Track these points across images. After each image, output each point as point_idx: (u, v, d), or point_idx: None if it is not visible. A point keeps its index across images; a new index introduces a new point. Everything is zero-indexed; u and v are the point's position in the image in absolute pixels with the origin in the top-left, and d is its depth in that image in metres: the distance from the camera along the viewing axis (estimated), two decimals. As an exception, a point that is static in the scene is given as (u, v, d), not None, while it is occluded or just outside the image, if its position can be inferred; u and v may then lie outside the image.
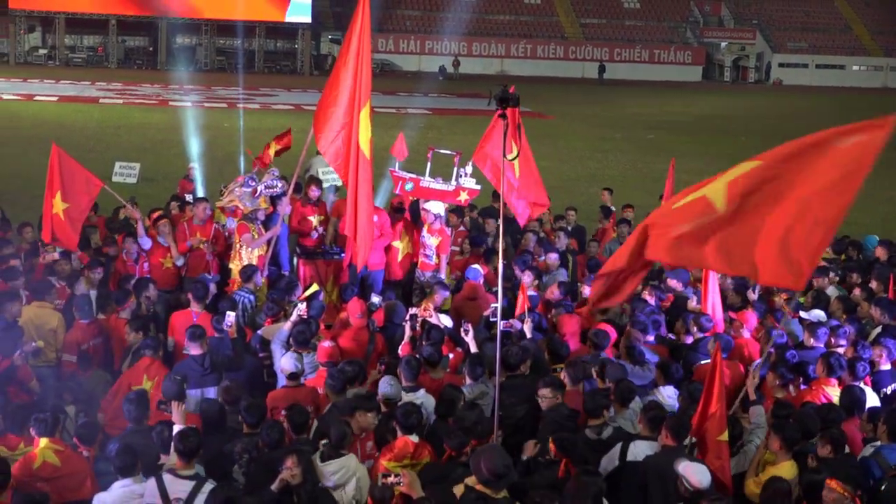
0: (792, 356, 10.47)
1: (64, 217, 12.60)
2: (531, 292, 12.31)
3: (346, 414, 8.54)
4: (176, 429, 8.14)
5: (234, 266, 13.34)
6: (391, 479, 7.35)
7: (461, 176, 13.79)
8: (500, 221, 9.57)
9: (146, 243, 13.55)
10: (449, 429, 8.33)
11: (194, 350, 10.07)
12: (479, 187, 14.09)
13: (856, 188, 6.29)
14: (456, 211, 15.43)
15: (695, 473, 7.41)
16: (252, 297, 12.20)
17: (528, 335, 10.82)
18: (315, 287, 12.16)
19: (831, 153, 6.39)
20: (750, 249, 6.66)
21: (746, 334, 11.51)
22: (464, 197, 13.83)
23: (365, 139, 11.93)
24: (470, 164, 13.93)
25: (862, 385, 9.84)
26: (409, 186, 13.64)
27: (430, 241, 13.86)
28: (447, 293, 12.42)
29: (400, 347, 10.77)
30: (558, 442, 7.99)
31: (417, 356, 9.94)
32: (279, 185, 13.65)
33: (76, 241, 12.84)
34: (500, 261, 9.41)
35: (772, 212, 6.58)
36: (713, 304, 11.62)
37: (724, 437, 8.16)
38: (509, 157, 8.70)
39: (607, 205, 18.07)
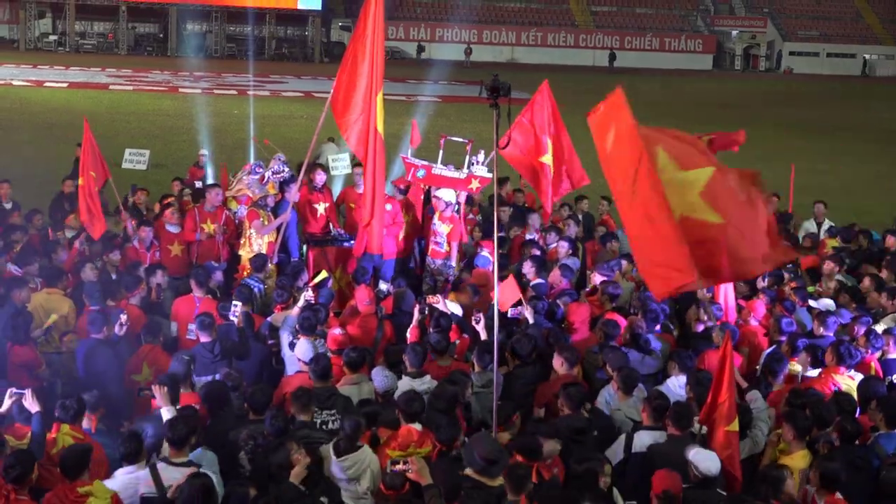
0: (803, 344, 10.46)
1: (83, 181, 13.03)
2: (538, 280, 12.31)
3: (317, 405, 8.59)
4: (165, 414, 8.20)
5: (245, 253, 13.37)
6: (400, 466, 7.37)
7: (473, 164, 13.77)
8: (496, 209, 9.56)
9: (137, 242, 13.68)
10: (438, 423, 8.23)
11: (204, 337, 10.10)
12: (490, 175, 14.07)
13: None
14: (467, 200, 15.40)
15: (704, 460, 7.48)
16: (261, 286, 12.22)
17: (531, 320, 10.84)
18: (324, 274, 12.16)
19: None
20: (753, 245, 7.34)
21: (755, 322, 11.50)
22: (475, 185, 13.81)
23: (381, 123, 12.04)
24: (482, 152, 13.92)
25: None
26: (420, 174, 13.61)
27: (442, 228, 13.83)
28: (476, 298, 12.35)
29: (408, 331, 10.78)
30: (520, 449, 7.84)
31: (424, 343, 9.95)
32: (286, 170, 13.66)
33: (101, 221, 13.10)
34: (497, 250, 9.45)
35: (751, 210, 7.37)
36: (725, 291, 11.58)
37: (734, 426, 8.17)
38: (501, 147, 8.68)
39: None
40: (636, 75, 66.65)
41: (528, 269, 12.53)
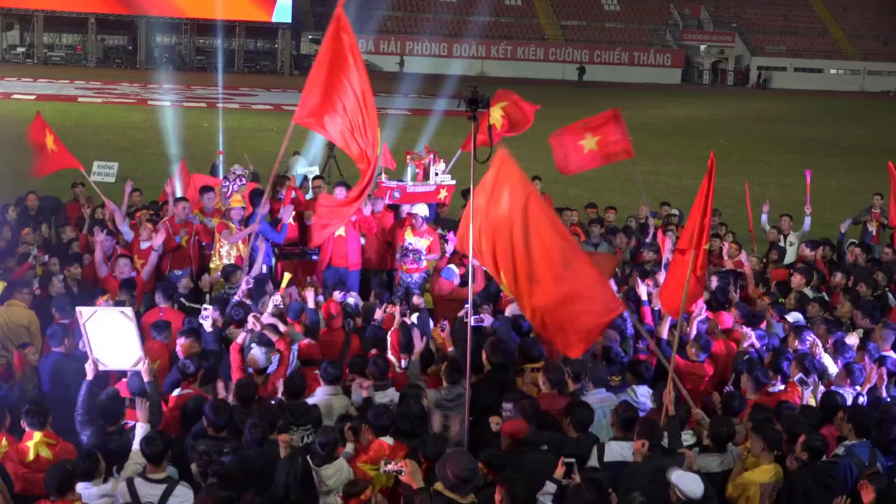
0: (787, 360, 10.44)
1: (56, 148, 14.49)
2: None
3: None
4: (139, 427, 8.12)
5: (214, 265, 13.33)
6: (392, 467, 7.34)
7: (436, 174, 13.87)
8: (471, 222, 9.57)
9: (127, 232, 13.76)
10: (424, 439, 8.25)
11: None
12: (453, 182, 14.17)
13: None
14: (435, 218, 15.41)
15: (688, 483, 7.37)
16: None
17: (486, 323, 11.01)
18: (288, 276, 12.12)
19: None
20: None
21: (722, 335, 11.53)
22: (443, 194, 13.90)
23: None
24: (442, 161, 14.03)
25: (843, 390, 9.86)
26: (396, 195, 13.71)
27: (421, 243, 13.82)
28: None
29: (389, 334, 10.66)
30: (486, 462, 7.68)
31: (384, 356, 9.99)
32: (241, 181, 13.74)
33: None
34: (471, 261, 9.44)
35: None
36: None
37: (709, 246, 9.23)
38: (480, 159, 8.67)
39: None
40: (605, 89, 67.03)
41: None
